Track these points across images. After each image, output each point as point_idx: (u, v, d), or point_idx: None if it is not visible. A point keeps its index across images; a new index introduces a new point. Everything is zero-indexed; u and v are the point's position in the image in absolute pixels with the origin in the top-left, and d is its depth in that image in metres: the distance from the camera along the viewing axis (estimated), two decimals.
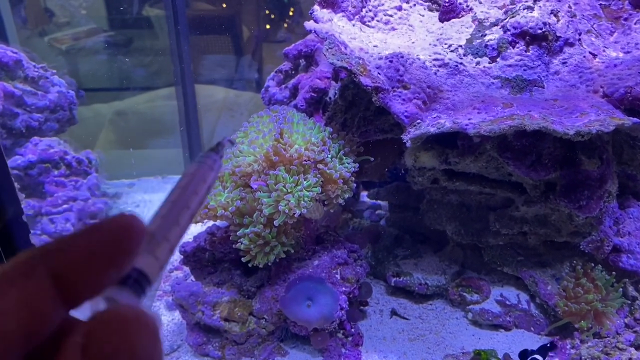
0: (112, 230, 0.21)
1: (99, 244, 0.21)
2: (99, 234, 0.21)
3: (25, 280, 0.19)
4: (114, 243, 0.21)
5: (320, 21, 1.23)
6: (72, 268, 0.20)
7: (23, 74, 1.58)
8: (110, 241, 0.21)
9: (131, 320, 0.19)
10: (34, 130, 1.59)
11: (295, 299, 1.20)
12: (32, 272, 0.19)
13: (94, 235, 0.21)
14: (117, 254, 0.21)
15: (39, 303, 0.19)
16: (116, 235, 0.21)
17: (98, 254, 0.20)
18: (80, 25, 2.20)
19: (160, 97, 2.38)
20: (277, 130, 1.14)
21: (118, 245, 0.21)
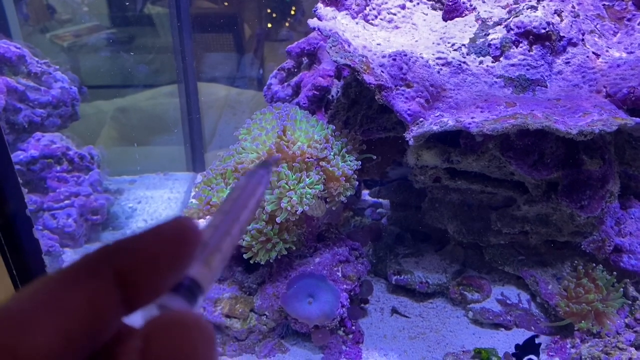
0: (172, 234, 0.20)
1: (161, 246, 0.20)
2: (161, 237, 0.20)
3: (91, 280, 0.19)
4: (174, 246, 0.20)
5: (323, 19, 1.23)
6: (136, 270, 0.20)
7: (26, 70, 1.58)
8: (171, 244, 0.20)
9: (190, 326, 0.18)
10: (36, 126, 1.59)
11: (297, 296, 1.21)
12: (97, 271, 0.19)
13: (157, 237, 0.20)
14: (177, 258, 0.20)
15: (104, 304, 0.19)
16: (176, 238, 0.20)
17: (160, 256, 0.20)
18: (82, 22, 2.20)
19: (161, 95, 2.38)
20: (280, 128, 1.14)
21: (178, 249, 0.20)
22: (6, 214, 0.82)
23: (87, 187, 1.60)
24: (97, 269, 0.19)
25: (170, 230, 0.20)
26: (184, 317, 0.19)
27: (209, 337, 0.19)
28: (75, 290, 0.18)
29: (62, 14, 2.24)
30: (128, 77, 2.33)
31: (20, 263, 0.87)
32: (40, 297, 0.18)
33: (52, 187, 1.56)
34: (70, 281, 0.19)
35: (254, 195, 0.25)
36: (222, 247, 0.22)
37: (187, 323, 0.18)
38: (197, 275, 0.21)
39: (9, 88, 1.51)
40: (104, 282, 0.19)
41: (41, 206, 1.54)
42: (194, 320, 0.19)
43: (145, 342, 0.18)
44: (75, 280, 0.19)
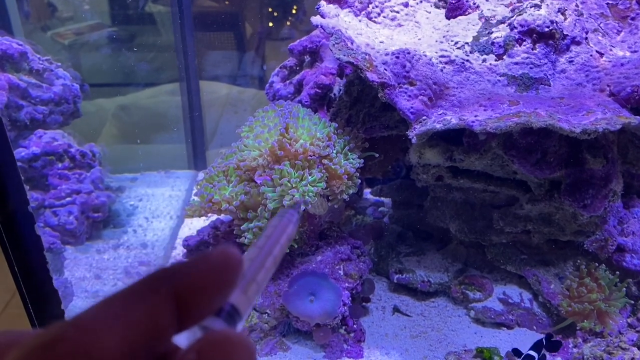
0: (220, 262, 0.23)
1: (212, 271, 0.22)
2: (211, 264, 0.23)
3: (153, 296, 0.21)
4: (222, 272, 0.23)
5: (326, 16, 1.23)
6: (191, 290, 0.22)
7: (28, 66, 1.58)
8: (219, 271, 0.23)
9: (239, 343, 0.20)
10: (38, 123, 1.59)
11: (298, 294, 1.20)
12: (158, 289, 0.21)
13: (207, 264, 0.23)
14: (224, 283, 0.23)
15: (162, 319, 0.21)
16: (223, 266, 0.23)
17: (210, 281, 0.22)
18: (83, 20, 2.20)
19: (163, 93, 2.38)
20: (283, 125, 1.14)
21: (225, 275, 0.23)
22: (8, 210, 0.82)
23: (88, 184, 1.59)
24: (158, 287, 0.21)
25: (218, 258, 0.23)
26: (234, 335, 0.21)
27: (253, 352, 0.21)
28: (139, 305, 0.21)
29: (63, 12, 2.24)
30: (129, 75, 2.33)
31: (21, 259, 0.87)
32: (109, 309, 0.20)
33: (53, 184, 1.56)
34: (134, 296, 0.21)
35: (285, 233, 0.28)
36: (258, 278, 0.25)
37: (236, 340, 0.21)
38: (237, 302, 0.23)
39: (11, 85, 1.51)
40: (164, 300, 0.21)
41: (42, 203, 1.53)
42: (242, 338, 0.21)
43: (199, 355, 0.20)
44: (138, 296, 0.21)
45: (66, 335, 0.19)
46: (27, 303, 0.92)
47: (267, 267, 0.25)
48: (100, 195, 1.63)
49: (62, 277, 1.31)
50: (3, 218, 0.82)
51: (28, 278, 0.89)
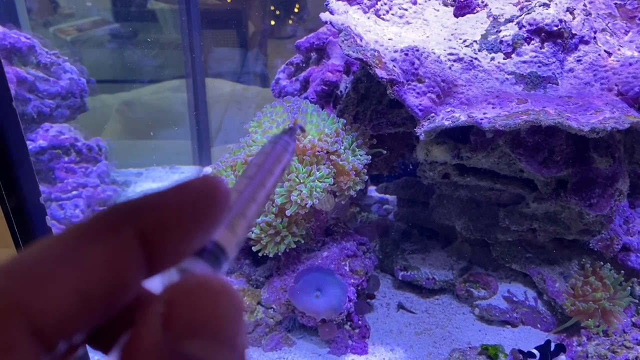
0: (199, 192, 0.19)
1: (187, 205, 0.18)
2: (188, 195, 0.19)
3: (112, 236, 0.17)
4: (201, 206, 0.19)
5: (335, 13, 1.23)
6: (160, 229, 0.18)
7: (36, 60, 1.58)
8: (198, 204, 0.19)
9: (217, 290, 0.17)
10: (45, 116, 1.59)
11: (304, 289, 1.21)
12: (119, 227, 0.18)
13: (183, 196, 0.19)
14: (204, 218, 0.19)
15: (124, 263, 0.17)
16: (203, 198, 0.19)
17: (187, 215, 0.18)
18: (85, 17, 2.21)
19: (166, 89, 2.39)
20: (292, 121, 1.14)
21: (205, 209, 0.19)
22: (20, 201, 0.82)
23: (94, 178, 1.60)
24: (119, 225, 0.18)
25: (197, 188, 0.19)
26: (211, 282, 0.17)
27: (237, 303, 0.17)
28: (94, 247, 0.17)
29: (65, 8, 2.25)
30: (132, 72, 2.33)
31: None
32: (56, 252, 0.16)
33: (60, 177, 1.56)
34: (89, 236, 0.17)
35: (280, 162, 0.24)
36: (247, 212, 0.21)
37: (214, 288, 0.17)
38: (222, 239, 0.19)
39: (19, 78, 1.51)
40: (126, 240, 0.17)
41: (49, 196, 1.54)
42: (221, 285, 0.17)
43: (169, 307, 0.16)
44: (95, 235, 0.17)
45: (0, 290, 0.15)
46: None
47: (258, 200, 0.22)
48: (107, 189, 1.63)
49: None
50: (15, 209, 0.83)
51: None
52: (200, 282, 0.17)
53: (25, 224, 0.86)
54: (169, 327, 0.16)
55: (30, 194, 0.84)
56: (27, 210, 0.84)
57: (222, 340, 0.16)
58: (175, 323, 0.16)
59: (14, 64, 1.54)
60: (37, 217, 0.86)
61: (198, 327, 0.16)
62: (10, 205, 0.82)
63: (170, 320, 0.16)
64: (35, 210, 0.85)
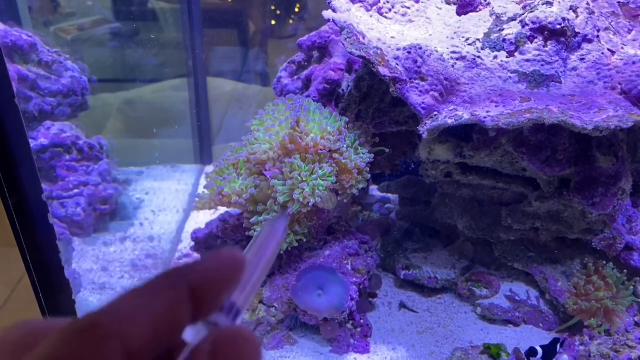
0: (228, 260, 0.25)
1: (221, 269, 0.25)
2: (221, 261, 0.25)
3: (172, 290, 0.23)
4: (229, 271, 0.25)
5: (338, 10, 1.23)
6: (204, 286, 0.24)
7: (37, 58, 1.58)
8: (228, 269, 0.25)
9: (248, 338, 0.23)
10: (46, 114, 1.59)
11: (306, 287, 1.20)
12: (176, 284, 0.23)
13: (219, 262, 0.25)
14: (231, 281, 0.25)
15: (180, 311, 0.23)
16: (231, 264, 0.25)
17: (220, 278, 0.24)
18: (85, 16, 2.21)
19: (167, 88, 2.38)
20: (294, 118, 1.14)
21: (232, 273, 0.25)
22: (22, 198, 0.82)
23: (96, 176, 1.60)
24: (177, 282, 0.23)
25: (227, 257, 0.25)
26: (244, 330, 0.23)
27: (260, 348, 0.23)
28: (160, 297, 0.23)
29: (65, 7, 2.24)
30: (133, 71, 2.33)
31: (34, 247, 0.87)
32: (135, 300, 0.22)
33: (61, 175, 1.56)
34: (155, 290, 0.23)
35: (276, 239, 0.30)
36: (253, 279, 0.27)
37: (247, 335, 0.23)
38: (237, 300, 0.25)
39: (20, 76, 1.51)
40: (181, 293, 0.23)
41: (50, 194, 1.54)
42: (252, 333, 0.23)
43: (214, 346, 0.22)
44: (159, 289, 0.23)
45: (102, 321, 0.21)
46: (37, 292, 0.92)
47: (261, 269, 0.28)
48: (108, 187, 1.63)
49: (71, 268, 1.31)
50: (17, 206, 0.83)
51: (40, 266, 0.89)
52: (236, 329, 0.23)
53: (27, 221, 0.85)
54: None
55: (32, 191, 0.84)
56: (29, 208, 0.84)
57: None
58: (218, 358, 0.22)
59: (15, 61, 1.54)
60: (39, 215, 0.86)
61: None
62: (12, 202, 0.82)
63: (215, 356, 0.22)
64: (37, 208, 0.85)
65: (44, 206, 0.86)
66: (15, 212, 0.84)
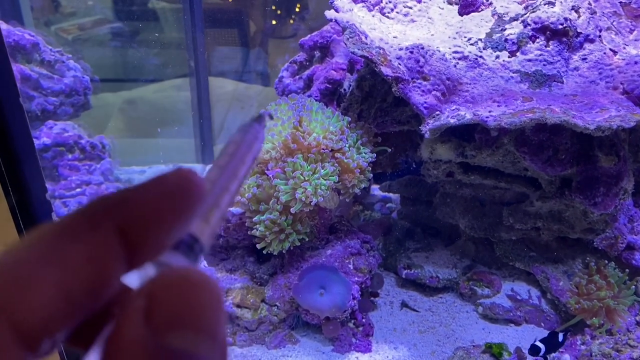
0: (175, 185, 0.19)
1: (164, 197, 0.18)
2: (164, 189, 0.19)
3: (93, 233, 0.17)
4: (177, 198, 0.19)
5: (340, 10, 1.23)
6: (138, 223, 0.18)
7: (39, 57, 1.58)
8: (174, 196, 0.18)
9: (197, 283, 0.16)
10: (49, 114, 1.59)
11: (308, 287, 1.21)
12: (99, 224, 0.17)
13: (159, 190, 0.19)
14: (181, 210, 0.19)
15: (106, 260, 0.17)
16: (179, 190, 0.19)
17: (163, 208, 0.18)
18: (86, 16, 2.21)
19: (168, 88, 2.39)
20: (297, 118, 1.14)
21: (181, 200, 0.19)
22: (26, 197, 0.82)
23: (98, 175, 1.60)
24: (99, 221, 0.17)
25: (173, 181, 0.19)
26: (190, 274, 0.17)
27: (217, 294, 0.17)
28: (75, 245, 0.17)
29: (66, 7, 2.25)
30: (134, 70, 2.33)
31: None
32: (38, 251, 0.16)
33: (63, 175, 1.56)
34: (70, 234, 0.17)
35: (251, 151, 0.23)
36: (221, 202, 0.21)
37: (193, 280, 0.16)
38: (197, 231, 0.19)
39: (23, 76, 1.51)
40: (106, 237, 0.17)
41: (53, 194, 1.54)
42: (200, 276, 0.17)
43: (149, 301, 0.16)
44: (75, 233, 0.17)
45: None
46: None
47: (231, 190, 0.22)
48: (110, 187, 1.63)
49: None
50: (21, 205, 0.83)
51: None
52: (180, 274, 0.17)
53: (31, 221, 0.85)
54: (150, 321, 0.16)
55: (36, 190, 0.84)
56: (33, 207, 0.84)
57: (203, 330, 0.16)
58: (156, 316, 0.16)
59: (18, 61, 1.54)
60: (43, 214, 0.86)
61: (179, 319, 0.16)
62: (16, 201, 0.82)
63: (152, 314, 0.16)
64: (41, 207, 0.85)
65: (48, 206, 0.87)
66: (20, 212, 0.84)
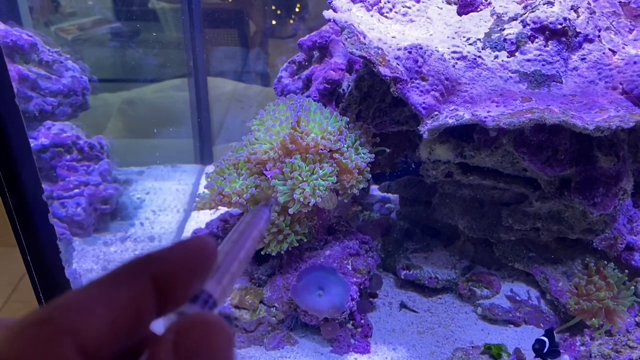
0: (197, 247, 0.24)
1: (189, 257, 0.23)
2: (188, 251, 0.23)
3: (133, 281, 0.22)
4: (198, 258, 0.23)
5: (339, 10, 1.23)
6: (170, 276, 0.22)
7: (38, 58, 1.58)
8: (196, 256, 0.23)
9: (216, 324, 0.21)
10: (47, 114, 1.59)
11: (307, 288, 1.20)
12: (138, 275, 0.22)
13: (184, 251, 0.23)
14: (201, 269, 0.23)
15: (143, 303, 0.22)
16: (200, 252, 0.23)
17: (188, 266, 0.23)
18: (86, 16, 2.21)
19: (168, 88, 2.38)
20: (295, 118, 1.14)
21: (201, 261, 0.23)
22: (23, 198, 0.82)
23: (96, 176, 1.60)
24: (138, 273, 0.22)
25: (195, 245, 0.24)
26: (211, 317, 0.21)
27: (230, 335, 0.22)
28: (121, 290, 0.21)
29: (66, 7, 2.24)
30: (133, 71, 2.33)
31: (34, 248, 0.87)
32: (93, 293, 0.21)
33: (61, 175, 1.56)
34: (116, 282, 0.22)
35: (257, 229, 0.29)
36: (232, 269, 0.25)
37: (214, 322, 0.21)
38: (212, 290, 0.24)
39: (21, 76, 1.51)
40: (144, 285, 0.22)
41: (51, 195, 1.53)
42: (220, 321, 0.21)
43: (177, 336, 0.20)
44: (120, 281, 0.22)
45: (53, 316, 0.19)
46: (38, 292, 0.92)
47: (241, 260, 0.26)
48: (108, 187, 1.63)
49: (71, 268, 1.31)
50: (17, 206, 0.83)
51: (40, 267, 0.89)
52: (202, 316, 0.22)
53: (28, 222, 0.85)
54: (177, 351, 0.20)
55: (33, 191, 0.83)
56: (30, 208, 0.84)
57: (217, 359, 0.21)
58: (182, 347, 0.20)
59: (16, 61, 1.54)
60: (40, 215, 0.86)
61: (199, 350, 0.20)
62: (13, 202, 0.82)
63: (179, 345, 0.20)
64: (37, 208, 0.85)
65: (45, 206, 0.86)
66: (16, 212, 0.84)
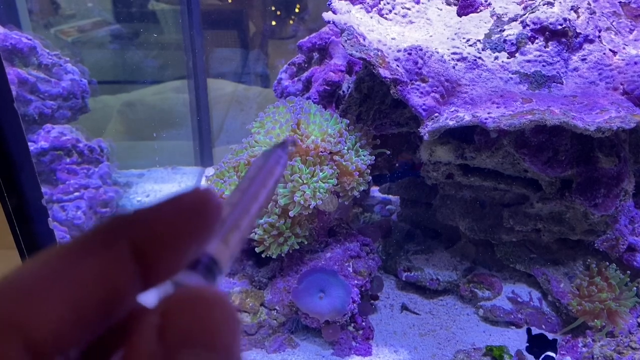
0: (192, 205, 0.19)
1: (180, 218, 0.18)
2: (181, 208, 0.19)
3: (105, 250, 0.17)
4: (194, 219, 0.19)
5: (338, 12, 1.23)
6: (154, 242, 0.18)
7: (37, 61, 1.58)
8: (191, 216, 0.19)
9: (212, 302, 0.16)
10: (46, 118, 1.58)
11: (308, 290, 1.20)
12: (112, 241, 0.17)
13: (176, 208, 0.19)
14: (197, 230, 0.19)
15: (118, 277, 0.17)
16: (196, 210, 0.19)
17: (179, 228, 0.18)
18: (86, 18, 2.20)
19: (168, 90, 2.38)
20: (294, 121, 1.14)
21: (198, 221, 0.19)
22: (22, 202, 0.82)
23: (96, 179, 1.59)
24: (112, 239, 0.17)
25: (190, 201, 0.19)
26: (205, 292, 0.17)
27: (232, 314, 0.17)
28: (88, 261, 0.17)
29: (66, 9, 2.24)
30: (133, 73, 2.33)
31: (34, 251, 0.87)
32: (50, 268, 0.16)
33: (61, 179, 1.56)
34: (82, 251, 0.17)
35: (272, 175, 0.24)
36: (241, 225, 0.21)
37: (208, 298, 0.16)
38: (216, 252, 0.19)
39: (20, 79, 1.51)
40: (119, 254, 0.17)
41: (50, 198, 1.53)
42: (215, 295, 0.17)
43: (163, 319, 0.16)
44: (88, 250, 0.17)
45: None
46: None
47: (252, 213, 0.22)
48: (108, 190, 1.63)
49: None
50: (16, 210, 0.82)
51: None
52: (194, 293, 0.17)
53: (27, 226, 0.85)
54: (163, 338, 0.16)
55: (32, 195, 0.83)
56: (29, 212, 0.84)
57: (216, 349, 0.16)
58: (169, 334, 0.16)
59: (15, 65, 1.54)
60: (39, 219, 0.86)
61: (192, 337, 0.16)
62: (12, 206, 0.82)
63: (165, 331, 0.16)
64: (37, 212, 0.85)
65: (44, 210, 0.86)
66: (15, 216, 0.83)
